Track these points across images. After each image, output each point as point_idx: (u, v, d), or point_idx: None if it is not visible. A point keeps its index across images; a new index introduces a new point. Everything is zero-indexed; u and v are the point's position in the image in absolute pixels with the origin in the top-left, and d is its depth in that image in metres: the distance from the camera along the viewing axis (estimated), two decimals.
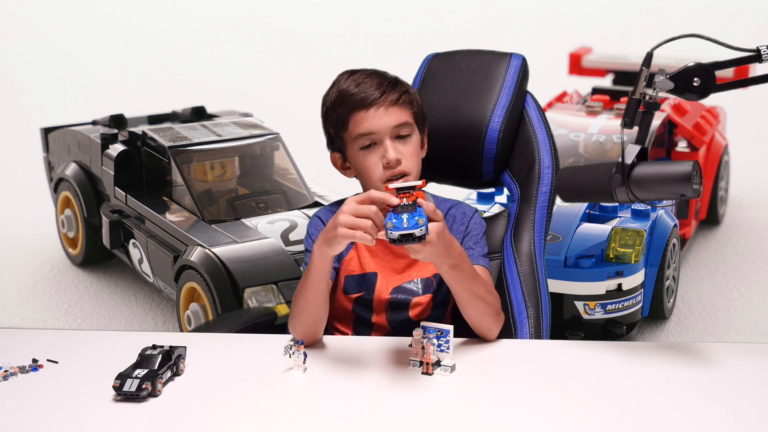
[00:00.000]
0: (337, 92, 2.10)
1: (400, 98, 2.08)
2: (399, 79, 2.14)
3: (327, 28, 7.17)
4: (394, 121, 2.07)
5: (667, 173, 1.92)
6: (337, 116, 2.10)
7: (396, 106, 2.08)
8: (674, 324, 3.51)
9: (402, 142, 2.09)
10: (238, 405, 1.78)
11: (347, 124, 2.09)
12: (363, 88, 2.07)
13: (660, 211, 3.45)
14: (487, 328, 2.01)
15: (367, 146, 2.08)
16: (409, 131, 2.10)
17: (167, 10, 7.40)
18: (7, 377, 1.89)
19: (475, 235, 2.14)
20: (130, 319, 3.59)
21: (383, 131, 2.06)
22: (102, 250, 3.84)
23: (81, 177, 3.83)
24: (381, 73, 2.12)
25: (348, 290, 2.13)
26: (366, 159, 2.08)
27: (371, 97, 2.06)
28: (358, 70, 2.13)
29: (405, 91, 2.11)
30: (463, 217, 2.17)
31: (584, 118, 3.85)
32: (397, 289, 2.12)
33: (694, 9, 6.95)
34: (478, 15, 7.20)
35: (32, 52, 6.91)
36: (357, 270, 2.13)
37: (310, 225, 2.20)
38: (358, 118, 2.07)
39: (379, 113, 2.06)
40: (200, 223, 3.33)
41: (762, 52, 1.93)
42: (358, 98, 2.07)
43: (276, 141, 3.65)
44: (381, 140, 2.07)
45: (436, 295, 2.13)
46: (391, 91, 2.08)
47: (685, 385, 1.84)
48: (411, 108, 2.11)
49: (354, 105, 2.07)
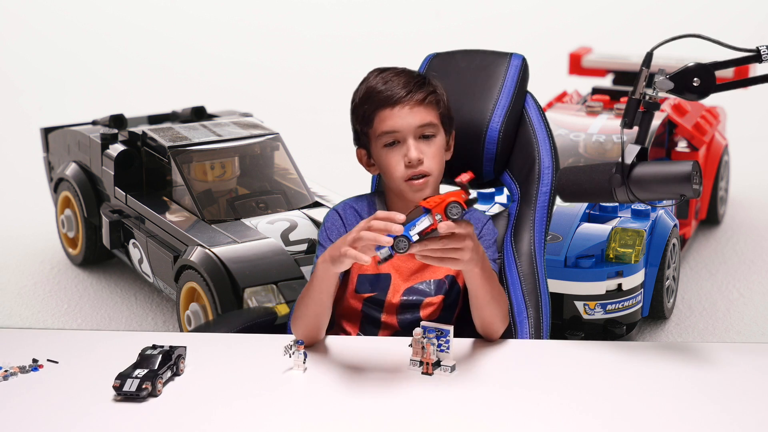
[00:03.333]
0: (365, 89, 2.12)
1: (426, 98, 2.09)
2: (428, 78, 2.14)
3: (327, 28, 7.16)
4: (419, 120, 2.08)
5: (667, 173, 1.92)
6: (363, 112, 2.11)
7: (421, 106, 2.08)
8: (674, 324, 3.51)
9: (426, 142, 2.09)
10: (238, 405, 1.78)
11: (372, 121, 2.10)
12: (390, 86, 2.08)
13: (660, 211, 3.45)
14: (495, 330, 2.03)
15: (390, 144, 2.09)
16: (434, 132, 2.10)
17: (167, 10, 7.40)
18: (7, 377, 1.89)
19: (487, 240, 2.16)
20: (130, 319, 3.59)
21: (407, 130, 2.07)
22: (102, 250, 3.84)
23: (81, 177, 3.83)
24: (410, 72, 2.13)
25: (360, 289, 2.13)
26: (388, 156, 2.09)
27: (397, 95, 2.07)
28: (387, 68, 2.14)
29: (432, 92, 2.11)
30: (477, 222, 2.18)
31: (584, 118, 3.85)
32: (409, 290, 2.13)
33: (694, 9, 6.94)
34: (478, 15, 7.20)
35: (32, 52, 6.90)
36: (371, 269, 2.13)
37: (327, 218, 2.20)
38: (383, 115, 2.08)
39: (404, 112, 2.07)
40: (200, 223, 3.33)
41: (762, 52, 1.93)
42: (384, 96, 2.08)
43: (276, 141, 3.65)
44: (404, 139, 2.08)
45: (446, 297, 2.13)
46: (418, 90, 2.09)
47: (685, 385, 1.84)
48: (437, 108, 2.11)
49: (380, 102, 2.08)
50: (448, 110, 2.16)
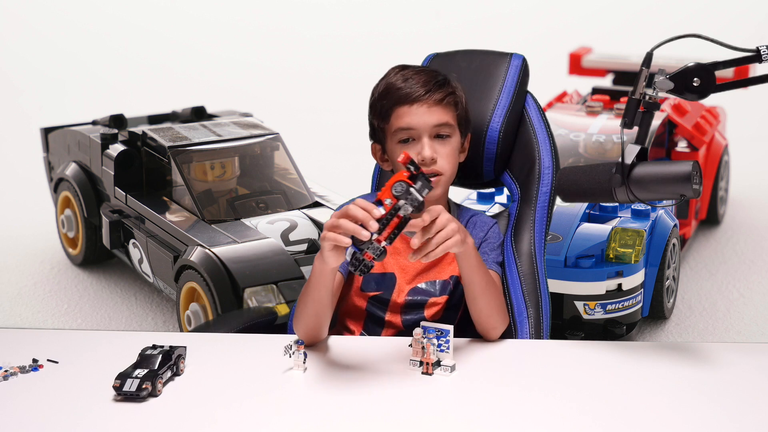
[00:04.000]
0: (385, 84, 2.13)
1: (445, 98, 2.10)
2: (449, 79, 2.14)
3: (327, 28, 7.17)
4: (435, 120, 2.08)
5: (667, 173, 1.92)
6: (381, 107, 2.12)
7: (439, 106, 2.09)
8: (674, 324, 3.51)
9: (440, 142, 2.10)
10: (238, 405, 1.78)
11: (389, 117, 2.11)
12: (409, 84, 2.09)
13: (660, 211, 3.45)
14: (493, 326, 2.03)
15: (405, 140, 2.10)
16: (449, 132, 2.11)
17: (167, 10, 7.40)
18: (7, 377, 1.89)
19: (493, 242, 2.18)
20: (130, 319, 3.59)
21: (422, 128, 2.08)
22: (102, 250, 3.84)
23: (81, 177, 3.83)
24: (431, 72, 2.14)
25: (366, 288, 2.14)
26: (402, 153, 2.09)
27: (416, 93, 2.08)
28: (409, 66, 2.16)
29: (451, 93, 2.12)
30: (483, 225, 2.20)
31: (584, 118, 3.85)
32: (414, 290, 2.13)
33: (694, 9, 6.95)
34: (478, 15, 7.20)
35: (32, 52, 6.90)
36: (377, 268, 2.14)
37: None
38: (400, 112, 2.09)
39: (421, 110, 2.08)
40: (200, 223, 3.33)
41: (762, 52, 1.93)
42: (403, 93, 2.09)
43: (276, 141, 3.65)
44: (419, 137, 2.09)
45: (451, 297, 2.14)
46: (437, 90, 2.09)
47: (685, 385, 1.84)
48: (455, 110, 2.12)
49: (398, 99, 2.09)
50: (466, 113, 2.17)
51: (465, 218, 2.21)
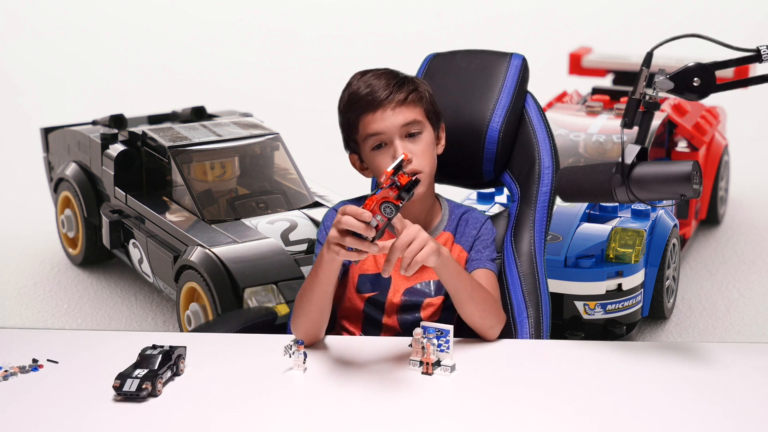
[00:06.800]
0: (347, 95, 2.12)
1: (408, 97, 2.09)
2: (408, 77, 2.13)
3: (327, 28, 7.17)
4: (402, 120, 2.07)
5: (667, 173, 1.92)
6: (348, 119, 2.12)
7: (403, 106, 2.08)
8: (674, 324, 3.51)
9: (413, 140, 2.09)
10: (238, 405, 1.78)
11: (357, 127, 2.10)
12: (371, 90, 2.08)
13: (660, 211, 3.45)
14: (489, 326, 2.02)
15: (378, 146, 2.09)
16: (419, 129, 2.10)
17: (167, 10, 7.40)
18: (7, 377, 1.89)
19: (485, 239, 2.17)
20: (130, 319, 3.59)
21: (392, 131, 2.07)
22: (102, 250, 3.84)
23: (81, 177, 3.83)
24: (390, 73, 2.12)
25: (361, 289, 2.13)
26: (378, 159, 2.09)
27: (378, 98, 2.07)
28: (369, 71, 2.14)
29: (413, 89, 2.10)
30: (476, 222, 2.19)
31: (584, 118, 3.85)
32: (409, 290, 2.13)
33: (694, 9, 6.95)
34: (478, 15, 7.20)
35: (32, 52, 6.91)
36: (371, 269, 2.14)
37: (327, 217, 2.20)
38: (366, 120, 2.08)
39: (387, 114, 2.07)
40: (200, 223, 3.33)
41: (762, 52, 1.93)
42: (365, 101, 2.08)
43: (276, 141, 3.65)
44: (391, 140, 2.08)
45: (447, 298, 2.13)
46: (398, 91, 2.08)
47: (685, 385, 1.84)
48: (421, 105, 2.11)
49: (362, 108, 2.08)
50: (433, 105, 2.15)
51: (457, 215, 2.20)
